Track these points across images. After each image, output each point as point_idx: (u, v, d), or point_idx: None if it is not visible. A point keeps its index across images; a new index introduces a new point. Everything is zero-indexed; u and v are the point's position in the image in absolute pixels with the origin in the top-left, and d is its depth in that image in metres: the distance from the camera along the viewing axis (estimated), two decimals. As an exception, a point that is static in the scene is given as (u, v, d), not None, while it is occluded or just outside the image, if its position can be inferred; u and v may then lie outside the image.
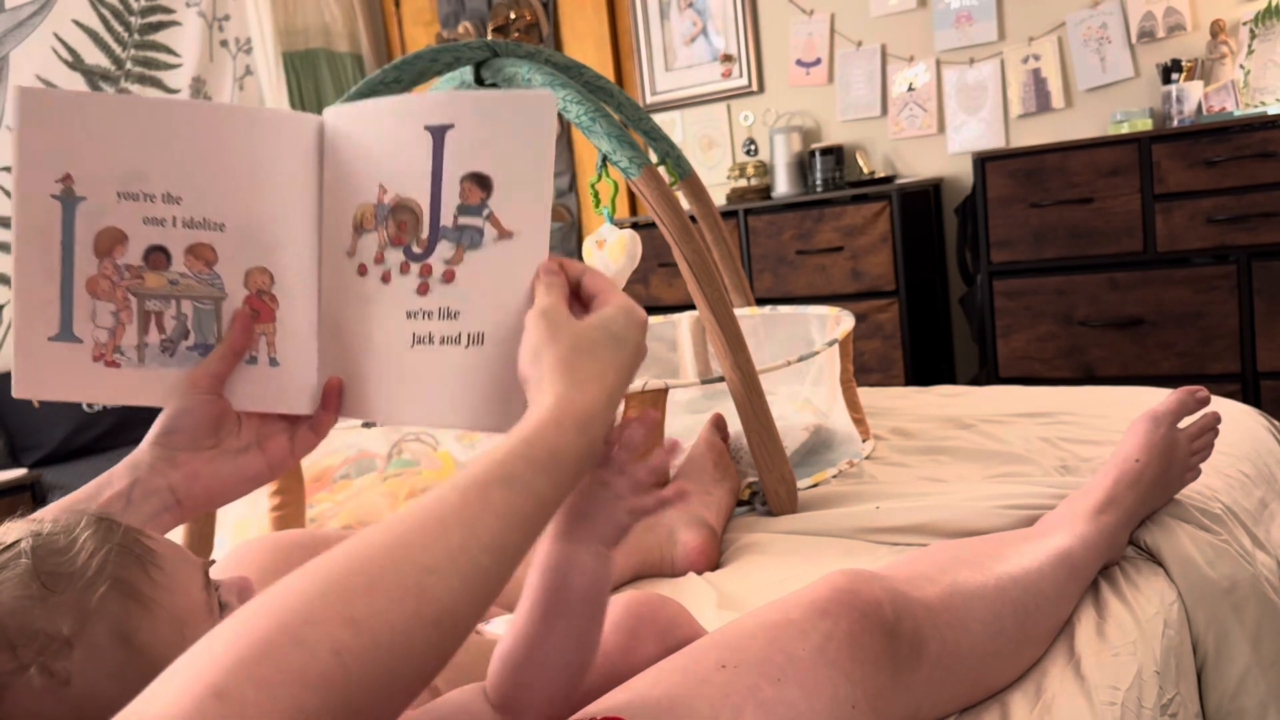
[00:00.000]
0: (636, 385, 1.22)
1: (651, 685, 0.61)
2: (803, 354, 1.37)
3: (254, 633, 0.40)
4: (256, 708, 0.38)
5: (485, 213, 0.65)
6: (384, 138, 0.67)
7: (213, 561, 0.59)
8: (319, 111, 0.71)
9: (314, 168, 0.69)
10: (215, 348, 0.70)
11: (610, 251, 1.47)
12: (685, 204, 1.56)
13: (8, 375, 3.19)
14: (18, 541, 0.51)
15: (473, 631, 0.49)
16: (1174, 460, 1.00)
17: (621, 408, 0.64)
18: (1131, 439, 1.01)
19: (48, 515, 0.66)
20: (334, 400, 0.71)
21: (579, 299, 0.64)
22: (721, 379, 1.24)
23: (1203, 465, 1.05)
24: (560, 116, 4.29)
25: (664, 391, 1.23)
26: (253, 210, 0.68)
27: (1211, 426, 1.04)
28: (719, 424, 1.30)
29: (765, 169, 3.44)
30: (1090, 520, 0.94)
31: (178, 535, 1.07)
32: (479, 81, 1.35)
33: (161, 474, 0.68)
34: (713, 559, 1.12)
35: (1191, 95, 2.70)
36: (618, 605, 0.74)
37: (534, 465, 0.52)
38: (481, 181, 0.65)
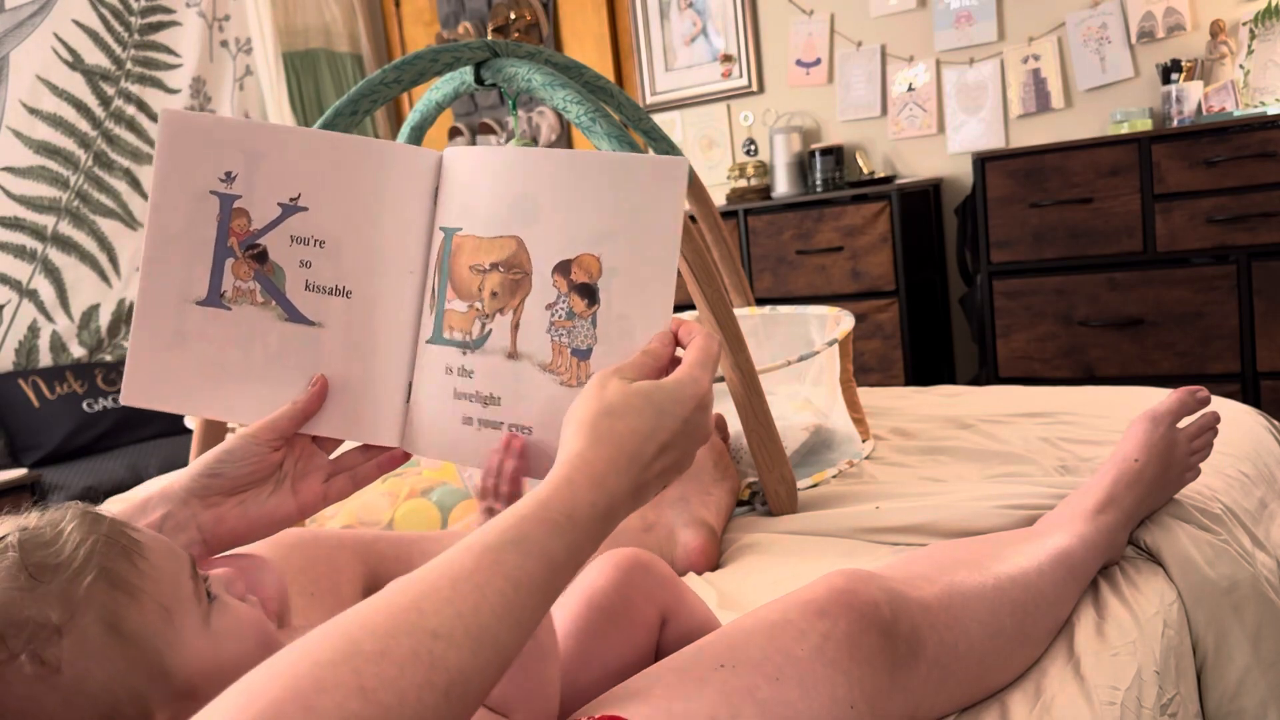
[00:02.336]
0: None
1: (650, 685, 0.61)
2: (803, 354, 1.37)
3: (267, 698, 0.40)
4: None
5: (583, 328, 0.64)
6: (498, 187, 0.67)
7: (221, 560, 0.59)
8: (319, 113, 0.72)
9: (425, 200, 0.70)
10: (287, 406, 0.70)
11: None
12: (685, 204, 1.56)
13: (9, 375, 3.20)
14: (5, 536, 0.51)
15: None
16: (1173, 460, 1.00)
17: None
18: (1131, 439, 1.01)
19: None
20: (391, 464, 0.72)
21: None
22: (721, 379, 1.24)
23: (1202, 465, 1.05)
24: (561, 117, 4.26)
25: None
26: (353, 234, 0.70)
27: (1211, 426, 1.04)
28: (720, 425, 1.30)
29: (765, 169, 3.44)
30: (1089, 520, 0.94)
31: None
32: (479, 82, 1.35)
33: (192, 512, 0.68)
34: (713, 559, 1.12)
35: (1191, 95, 2.70)
36: (608, 562, 0.76)
37: (547, 526, 0.51)
38: (587, 294, 0.64)
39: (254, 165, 0.71)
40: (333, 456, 0.74)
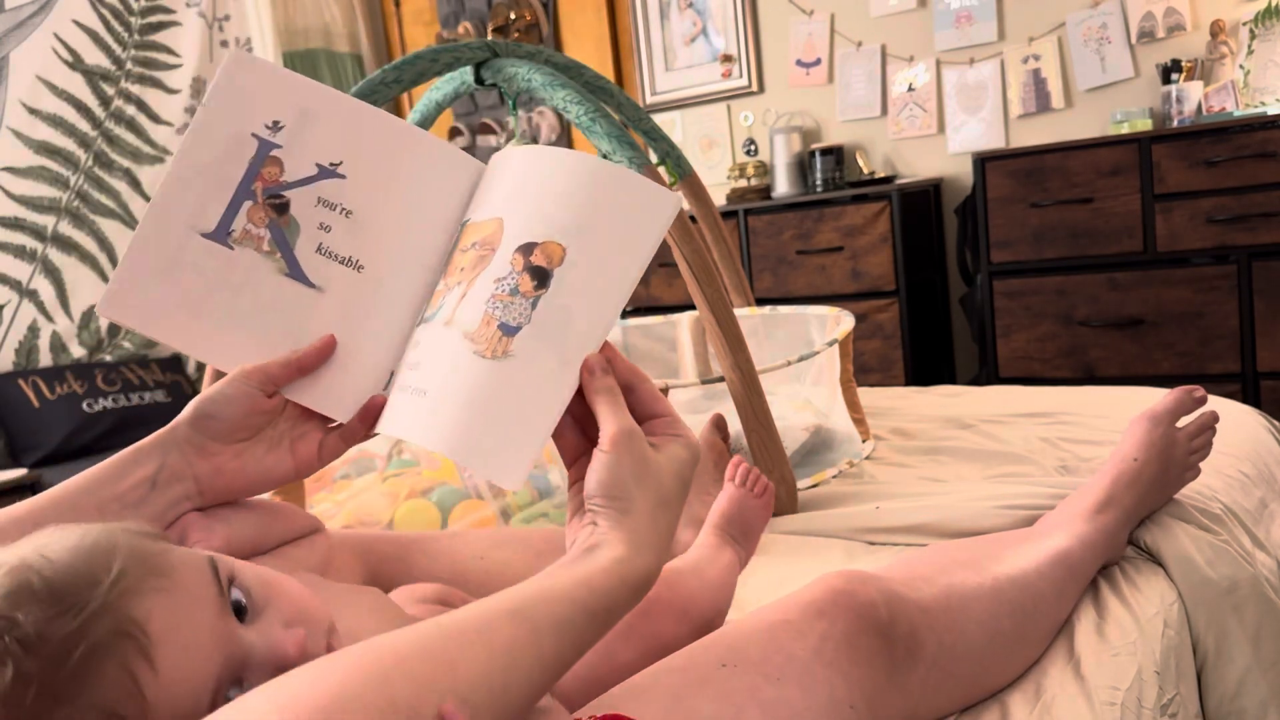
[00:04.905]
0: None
1: (652, 684, 0.61)
2: (803, 354, 1.37)
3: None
4: None
5: (520, 307, 0.62)
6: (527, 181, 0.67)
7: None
8: None
9: (461, 205, 0.70)
10: (287, 354, 0.68)
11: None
12: (685, 204, 1.56)
13: (9, 375, 3.19)
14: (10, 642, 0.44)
15: None
16: (1173, 459, 1.00)
17: None
18: (1130, 439, 1.01)
19: (62, 499, 0.62)
20: (370, 415, 0.70)
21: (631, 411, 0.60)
22: (721, 379, 1.24)
23: (1202, 465, 1.05)
24: (561, 117, 4.25)
25: (664, 391, 1.23)
26: (383, 215, 0.70)
27: (1209, 425, 1.04)
28: (720, 424, 1.30)
29: (765, 169, 3.44)
30: (1089, 520, 0.93)
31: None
32: (479, 82, 1.35)
33: (189, 461, 0.66)
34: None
35: (1191, 95, 2.70)
36: None
37: (589, 617, 0.51)
38: (539, 276, 0.62)
39: (304, 122, 0.70)
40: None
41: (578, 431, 0.62)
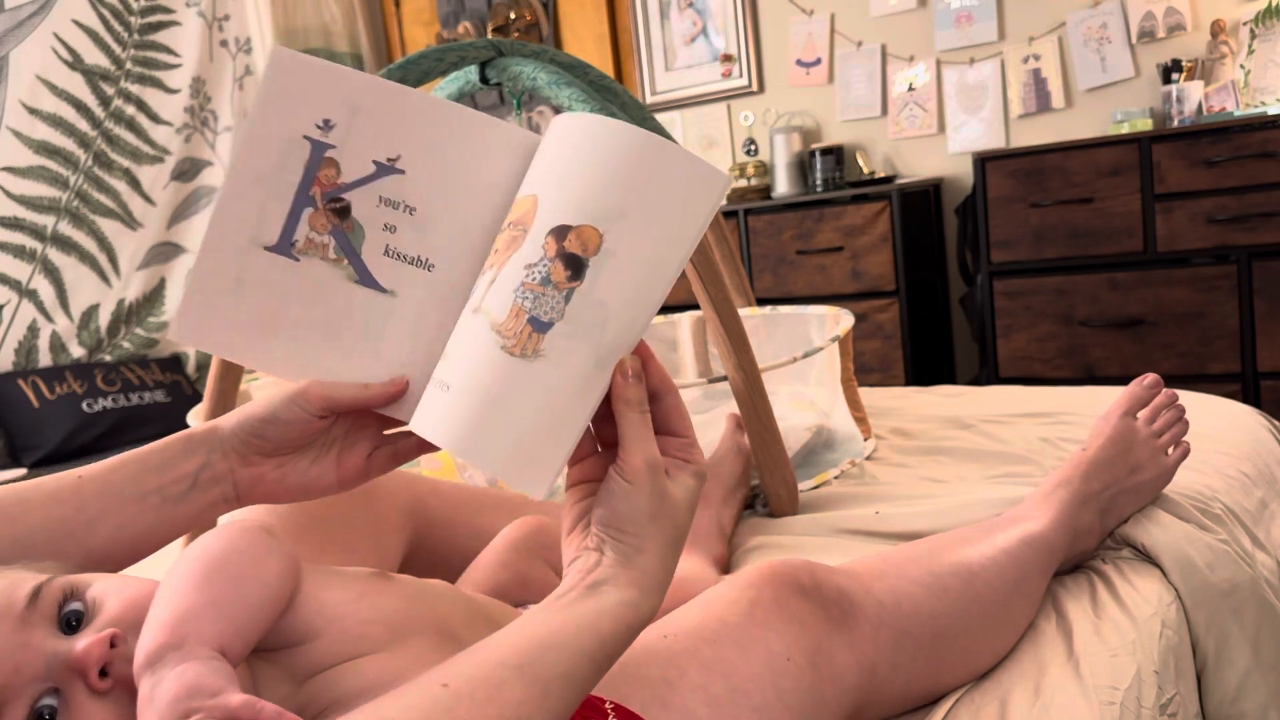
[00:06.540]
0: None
1: None
2: (807, 350, 1.37)
3: None
4: None
5: (552, 300, 0.57)
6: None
7: (49, 579, 0.53)
8: None
9: (516, 183, 0.65)
10: (355, 387, 0.66)
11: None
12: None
13: (8, 375, 3.19)
14: None
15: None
16: (1133, 443, 1.02)
17: None
18: (1087, 438, 1.05)
19: (109, 482, 0.64)
20: (428, 442, 0.68)
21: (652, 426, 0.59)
22: (724, 379, 1.24)
23: (1202, 465, 1.05)
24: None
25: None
26: (447, 207, 0.67)
27: (1168, 404, 1.06)
28: (741, 426, 1.29)
29: (765, 169, 3.44)
30: (1041, 503, 0.96)
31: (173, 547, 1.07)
32: (484, 81, 1.35)
33: (230, 466, 0.65)
34: (723, 565, 1.12)
35: (1192, 95, 2.70)
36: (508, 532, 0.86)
37: (595, 666, 0.52)
38: (573, 265, 0.57)
39: (355, 117, 0.66)
40: (387, 432, 0.71)
41: (590, 430, 0.60)
